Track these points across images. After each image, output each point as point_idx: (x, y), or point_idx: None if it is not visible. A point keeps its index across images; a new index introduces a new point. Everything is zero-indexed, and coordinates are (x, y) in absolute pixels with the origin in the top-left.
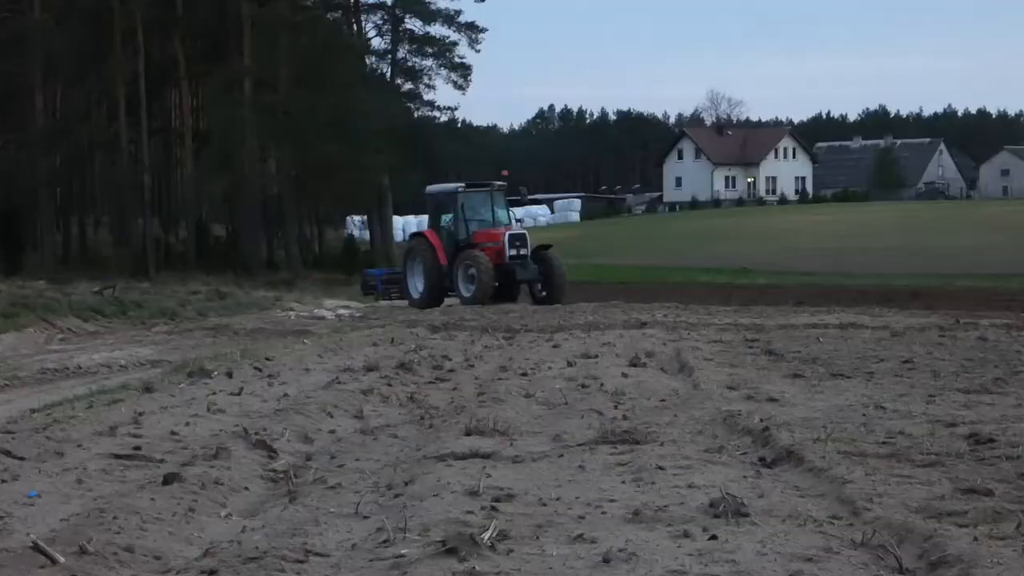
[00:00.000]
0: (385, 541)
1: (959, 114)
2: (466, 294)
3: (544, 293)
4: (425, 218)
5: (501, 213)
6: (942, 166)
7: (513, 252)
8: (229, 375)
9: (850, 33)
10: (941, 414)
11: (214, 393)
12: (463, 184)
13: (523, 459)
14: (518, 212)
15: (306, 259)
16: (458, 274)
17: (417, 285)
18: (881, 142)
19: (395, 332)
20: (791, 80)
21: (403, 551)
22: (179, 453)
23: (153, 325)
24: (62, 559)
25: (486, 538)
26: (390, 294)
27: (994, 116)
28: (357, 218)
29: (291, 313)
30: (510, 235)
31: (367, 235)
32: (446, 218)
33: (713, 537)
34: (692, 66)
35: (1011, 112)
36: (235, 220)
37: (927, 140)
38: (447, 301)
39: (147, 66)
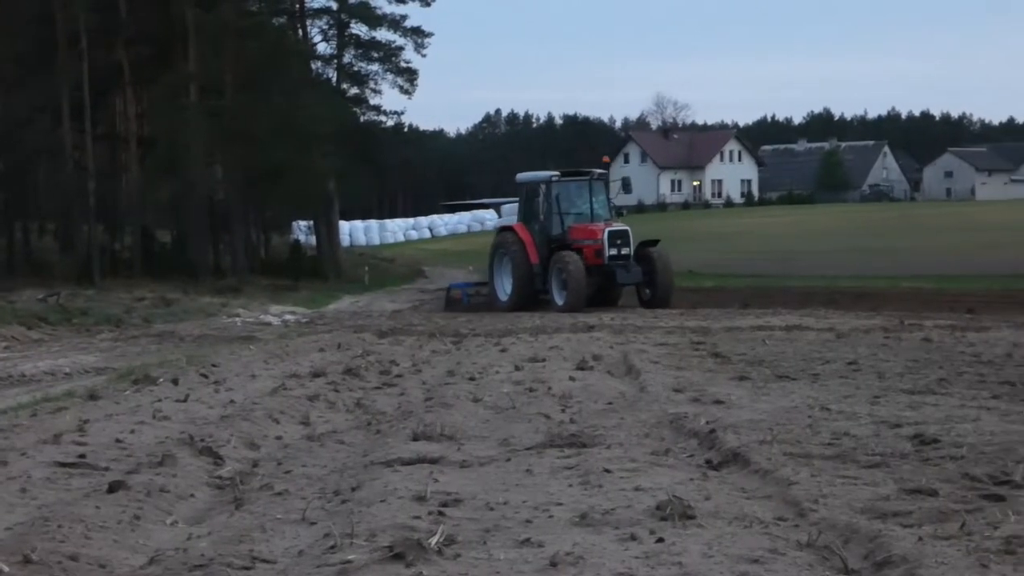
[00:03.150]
0: (332, 547)
1: (903, 117)
2: (559, 301)
3: (650, 295)
4: (370, 223)
5: (600, 205)
6: (886, 168)
7: (614, 251)
8: (175, 382)
9: (795, 37)
10: (886, 415)
11: (160, 400)
12: (558, 172)
13: (471, 464)
14: (466, 217)
15: (252, 265)
16: (552, 277)
17: (504, 286)
18: (826, 145)
19: (342, 338)
20: (737, 84)
21: (350, 557)
22: (124, 461)
23: (98, 332)
24: (6, 568)
25: (433, 543)
26: (476, 305)
27: (938, 119)
28: (303, 223)
29: (237, 319)
30: (610, 232)
31: (313, 240)
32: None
33: (660, 540)
34: (639, 70)
35: (954, 114)
36: (181, 226)
37: (871, 142)
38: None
39: (91, 72)
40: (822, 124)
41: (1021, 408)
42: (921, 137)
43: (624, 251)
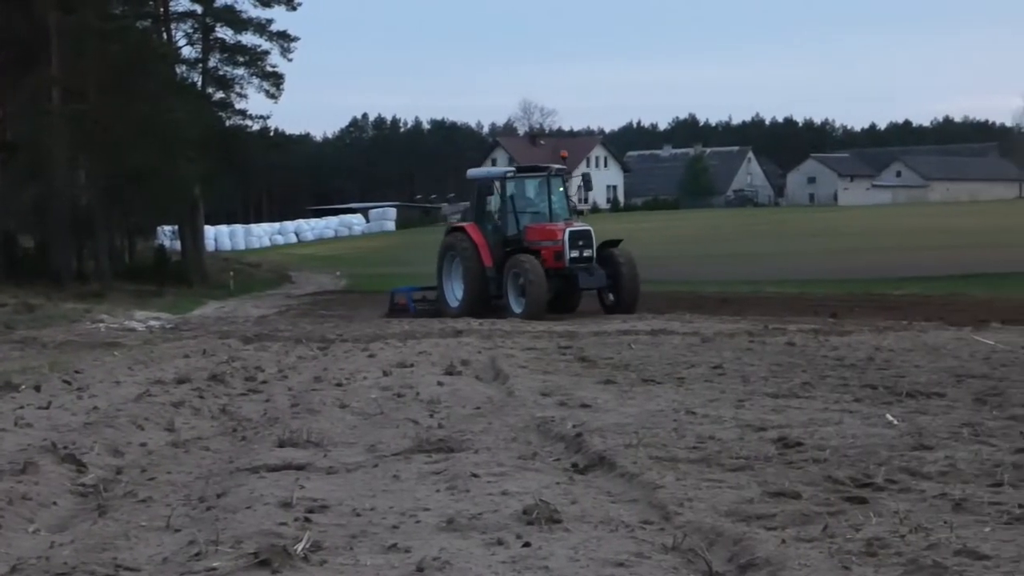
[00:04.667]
0: (197, 554)
1: (767, 123)
2: (517, 309)
3: (614, 300)
4: (235, 228)
5: (559, 204)
6: (751, 174)
7: (575, 253)
8: (37, 389)
9: (660, 43)
10: (750, 418)
11: (22, 407)
12: (513, 168)
13: (337, 470)
14: (333, 222)
15: (117, 270)
16: (508, 283)
17: (455, 291)
18: (691, 150)
19: (207, 343)
20: (602, 90)
21: (215, 564)
22: None
23: None
24: None
25: (299, 549)
26: (426, 311)
27: (801, 125)
28: (168, 228)
29: (101, 325)
30: (571, 232)
31: (178, 245)
32: (491, 208)
33: (526, 544)
34: (505, 76)
35: (817, 121)
36: (44, 231)
37: (736, 148)
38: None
39: None
40: (687, 130)
41: (883, 411)
42: (785, 143)
43: (586, 253)
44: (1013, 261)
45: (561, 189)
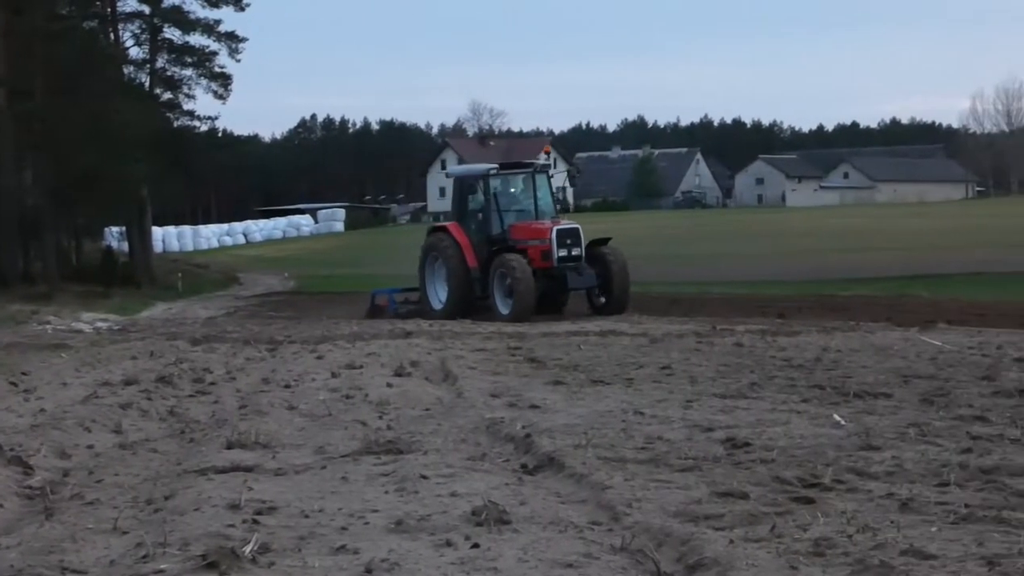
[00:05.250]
0: (144, 556)
1: (715, 124)
2: (504, 311)
3: (604, 300)
4: (183, 229)
5: (545, 201)
6: (699, 175)
7: (563, 252)
8: None
9: (609, 45)
10: (699, 419)
11: None
12: (496, 164)
13: (286, 471)
14: (281, 223)
15: (64, 271)
16: (494, 284)
17: (438, 293)
18: (639, 152)
19: (155, 345)
20: (552, 91)
21: (163, 566)
22: None
23: None
24: None
25: (247, 551)
26: (407, 313)
27: (749, 126)
28: (115, 229)
29: (48, 327)
30: (559, 230)
31: (126, 246)
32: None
33: (475, 545)
34: (454, 77)
35: (765, 122)
36: None
37: (684, 150)
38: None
39: None
40: (636, 131)
41: (830, 411)
42: (733, 144)
43: (575, 252)
44: (959, 262)
45: (547, 186)
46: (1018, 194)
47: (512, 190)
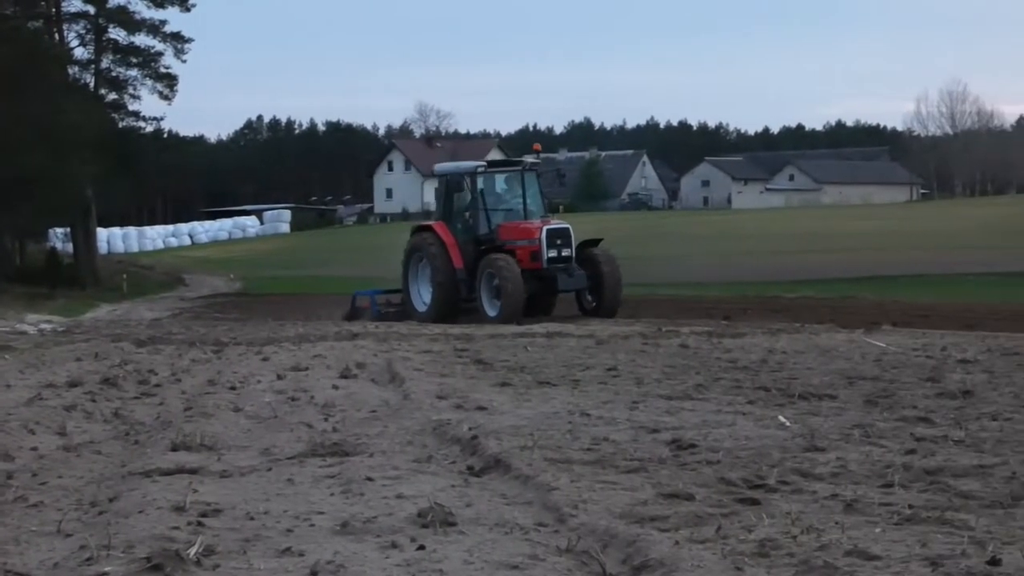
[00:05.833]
0: (88, 559)
1: (661, 126)
2: (492, 313)
3: (594, 303)
4: (128, 230)
5: (534, 200)
6: (645, 177)
7: (553, 253)
8: None
9: (555, 47)
10: (645, 420)
11: None
12: (484, 162)
13: (231, 473)
14: (227, 224)
15: (7, 273)
16: (481, 286)
17: (422, 294)
18: (586, 154)
19: (99, 347)
20: (498, 93)
21: (107, 569)
22: None
23: None
24: None
25: (192, 553)
26: (389, 315)
27: (695, 128)
28: (60, 230)
29: None
30: (549, 230)
31: (71, 247)
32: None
33: (421, 547)
34: (401, 78)
35: (711, 124)
36: None
37: (630, 152)
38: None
39: None
40: (583, 133)
41: (775, 413)
42: (679, 147)
43: (565, 252)
44: (904, 264)
45: (536, 185)
46: (962, 196)
47: (500, 188)
